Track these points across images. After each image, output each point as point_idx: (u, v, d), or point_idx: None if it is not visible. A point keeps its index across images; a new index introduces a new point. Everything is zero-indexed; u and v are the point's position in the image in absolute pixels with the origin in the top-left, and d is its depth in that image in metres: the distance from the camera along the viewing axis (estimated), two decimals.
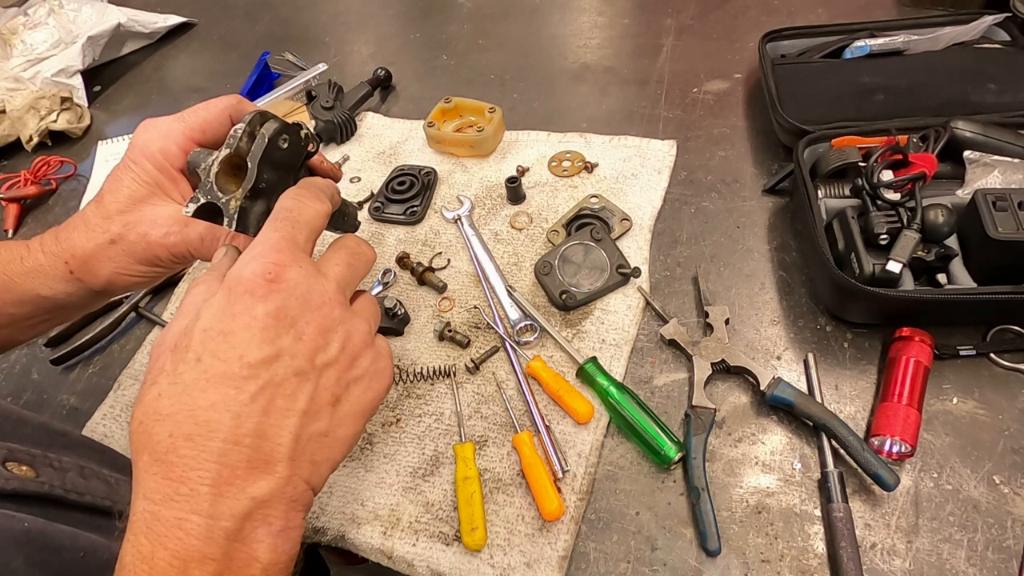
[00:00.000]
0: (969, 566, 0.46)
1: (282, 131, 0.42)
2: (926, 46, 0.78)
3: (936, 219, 0.55)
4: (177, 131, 0.47)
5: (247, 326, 0.33)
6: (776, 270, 0.65)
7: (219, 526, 0.31)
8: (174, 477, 0.31)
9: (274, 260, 0.35)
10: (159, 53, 1.23)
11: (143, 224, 0.46)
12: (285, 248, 0.36)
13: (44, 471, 0.42)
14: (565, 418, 0.57)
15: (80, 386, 0.71)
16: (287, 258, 0.36)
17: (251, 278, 0.34)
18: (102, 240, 0.46)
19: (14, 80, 1.12)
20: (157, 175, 0.47)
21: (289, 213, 0.38)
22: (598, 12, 1.06)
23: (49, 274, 0.47)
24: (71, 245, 0.47)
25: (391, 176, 0.82)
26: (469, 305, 0.68)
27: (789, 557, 0.48)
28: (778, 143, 0.76)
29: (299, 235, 0.38)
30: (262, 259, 0.35)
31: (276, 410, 0.33)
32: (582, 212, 0.72)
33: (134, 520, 0.31)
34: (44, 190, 0.96)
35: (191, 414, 0.32)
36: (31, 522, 0.37)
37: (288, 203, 0.39)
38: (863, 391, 0.56)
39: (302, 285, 0.35)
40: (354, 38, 1.14)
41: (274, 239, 0.36)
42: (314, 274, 0.37)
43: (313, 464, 0.35)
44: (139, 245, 0.46)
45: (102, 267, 0.47)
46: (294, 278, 0.35)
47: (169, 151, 0.46)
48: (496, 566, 0.50)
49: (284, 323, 0.34)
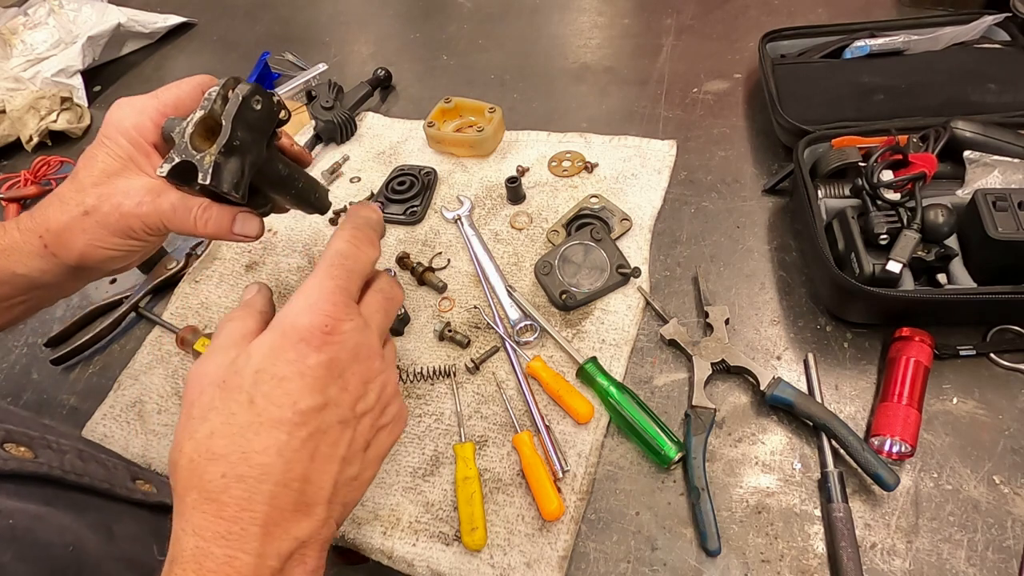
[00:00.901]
0: (969, 566, 0.46)
1: (254, 92, 0.43)
2: (926, 46, 0.78)
3: (936, 219, 0.55)
4: (151, 107, 0.48)
5: (301, 374, 0.35)
6: (776, 270, 0.65)
7: (266, 564, 0.33)
8: (226, 516, 0.32)
9: (331, 313, 0.37)
10: (159, 53, 1.23)
11: (116, 195, 0.46)
12: (341, 301, 0.37)
13: (43, 452, 0.42)
14: (565, 418, 0.57)
15: (80, 386, 0.71)
16: (343, 312, 0.37)
17: (308, 328, 0.36)
18: (76, 212, 0.46)
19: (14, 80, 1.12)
20: (131, 150, 0.47)
21: (344, 261, 0.39)
22: (598, 12, 1.06)
23: (24, 251, 0.47)
24: (45, 219, 0.47)
25: (391, 176, 0.82)
26: (469, 305, 0.68)
27: (789, 557, 0.48)
28: (778, 143, 0.76)
29: (352, 286, 0.39)
30: (320, 311, 0.36)
31: (321, 456, 0.35)
32: (582, 212, 0.72)
33: (182, 554, 0.32)
34: (44, 190, 0.96)
35: (244, 456, 0.33)
36: (17, 518, 0.38)
37: (344, 247, 0.40)
38: (863, 391, 0.56)
39: (353, 339, 0.37)
40: (354, 38, 1.14)
41: (329, 288, 0.38)
42: (363, 327, 0.38)
43: (344, 506, 0.38)
44: (112, 216, 0.46)
45: (76, 239, 0.47)
46: (347, 331, 0.37)
47: (143, 126, 0.47)
48: (496, 566, 0.50)
49: (334, 374, 0.36)
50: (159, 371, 0.69)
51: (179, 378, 0.68)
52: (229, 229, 0.48)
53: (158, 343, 0.72)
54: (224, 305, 0.73)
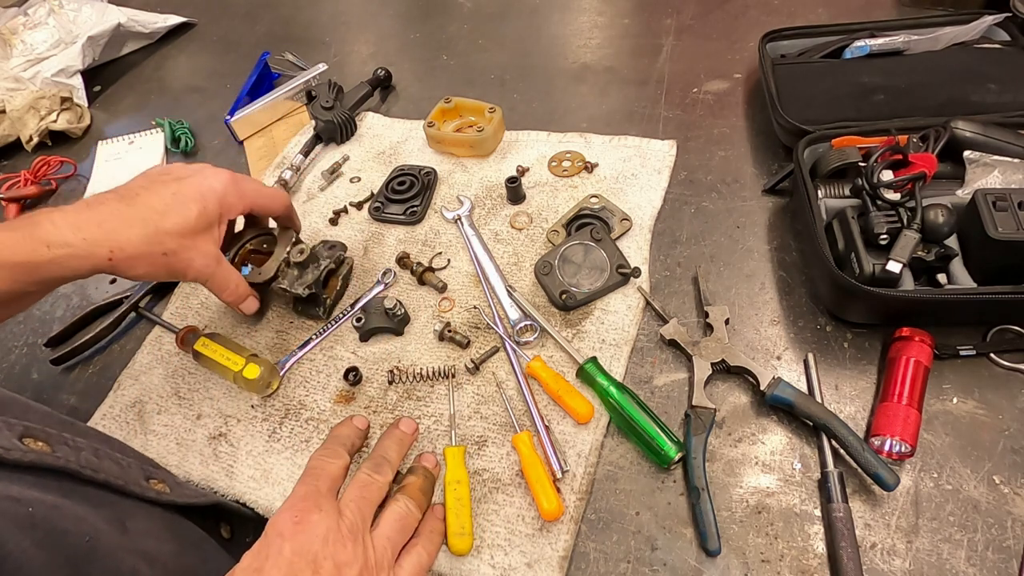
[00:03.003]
0: (969, 566, 0.46)
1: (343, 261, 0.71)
2: (926, 46, 0.78)
3: (936, 219, 0.55)
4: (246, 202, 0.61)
5: (276, 564, 0.41)
6: (776, 270, 0.65)
7: None
8: None
9: (300, 507, 0.45)
10: (159, 53, 1.23)
11: (193, 252, 0.57)
12: (310, 497, 0.46)
13: (60, 448, 0.44)
14: (565, 418, 0.57)
15: (80, 386, 0.71)
16: (311, 505, 0.45)
17: (282, 522, 0.44)
18: (156, 250, 0.54)
19: (14, 80, 1.12)
20: (216, 219, 0.58)
21: (314, 470, 0.49)
22: (598, 12, 1.06)
23: (81, 256, 0.51)
24: (118, 238, 0.52)
25: (391, 176, 0.82)
26: (469, 305, 0.68)
27: (789, 557, 0.48)
28: (778, 143, 0.76)
29: (322, 486, 0.48)
30: (291, 508, 0.45)
31: None
32: (582, 212, 0.72)
33: None
34: (44, 190, 0.96)
35: None
36: (36, 507, 0.39)
37: (314, 463, 0.50)
38: (863, 391, 0.56)
39: (322, 525, 0.44)
40: (354, 38, 1.14)
41: (302, 491, 0.47)
42: (333, 516, 0.45)
43: None
44: (180, 264, 0.56)
45: (141, 266, 0.54)
46: (315, 521, 0.44)
47: (233, 206, 0.60)
48: (496, 566, 0.50)
49: (305, 559, 0.42)
50: (159, 371, 0.69)
51: (179, 378, 0.68)
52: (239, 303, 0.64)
53: (158, 343, 0.72)
54: (224, 305, 0.73)
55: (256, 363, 0.62)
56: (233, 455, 0.61)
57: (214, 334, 0.66)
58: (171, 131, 0.99)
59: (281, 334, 0.70)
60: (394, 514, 0.50)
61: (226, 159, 0.95)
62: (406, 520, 0.50)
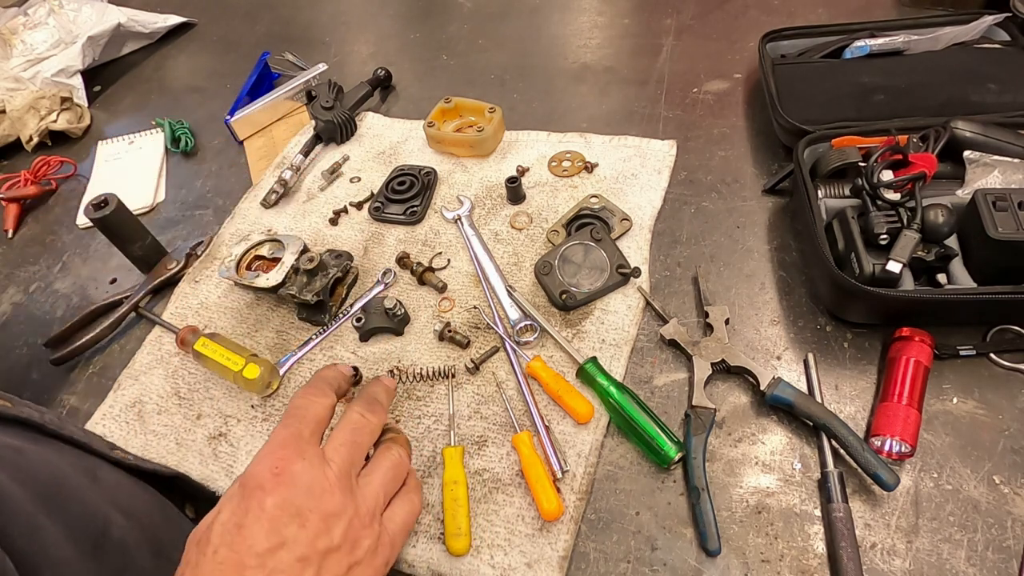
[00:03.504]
0: (969, 566, 0.46)
1: None
2: (926, 46, 0.78)
3: (936, 219, 0.55)
4: None
5: (257, 519, 0.38)
6: (776, 270, 0.65)
7: None
8: None
9: (280, 456, 0.40)
10: (159, 53, 1.23)
11: None
12: (291, 443, 0.41)
13: (22, 408, 0.44)
14: (565, 418, 0.57)
15: (80, 386, 0.71)
16: (292, 453, 0.40)
17: (260, 473, 0.39)
18: None
19: (14, 80, 1.12)
20: None
21: (297, 411, 0.44)
22: (598, 12, 1.06)
23: None
24: None
25: (391, 176, 0.82)
26: (469, 305, 0.68)
27: (789, 557, 0.48)
28: (778, 143, 0.76)
29: (305, 430, 0.42)
30: (271, 456, 0.40)
31: None
32: (582, 212, 0.72)
33: None
34: (44, 190, 0.96)
35: None
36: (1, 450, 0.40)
37: (298, 401, 0.44)
38: (863, 391, 0.56)
39: (305, 476, 0.40)
40: (354, 38, 1.14)
41: (282, 436, 0.41)
42: (318, 464, 0.41)
43: None
44: None
45: None
46: (298, 471, 0.40)
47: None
48: (496, 566, 0.50)
49: (289, 513, 0.38)
50: (159, 371, 0.69)
51: (179, 378, 0.68)
52: None
53: (158, 343, 0.72)
54: (224, 305, 0.73)
55: (256, 363, 0.62)
56: (233, 455, 0.61)
57: (214, 334, 0.66)
58: (171, 131, 0.99)
59: (281, 334, 0.70)
60: (388, 460, 0.46)
61: (226, 159, 0.95)
62: (399, 469, 0.46)
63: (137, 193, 0.91)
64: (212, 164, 0.95)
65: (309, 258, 0.67)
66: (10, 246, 0.90)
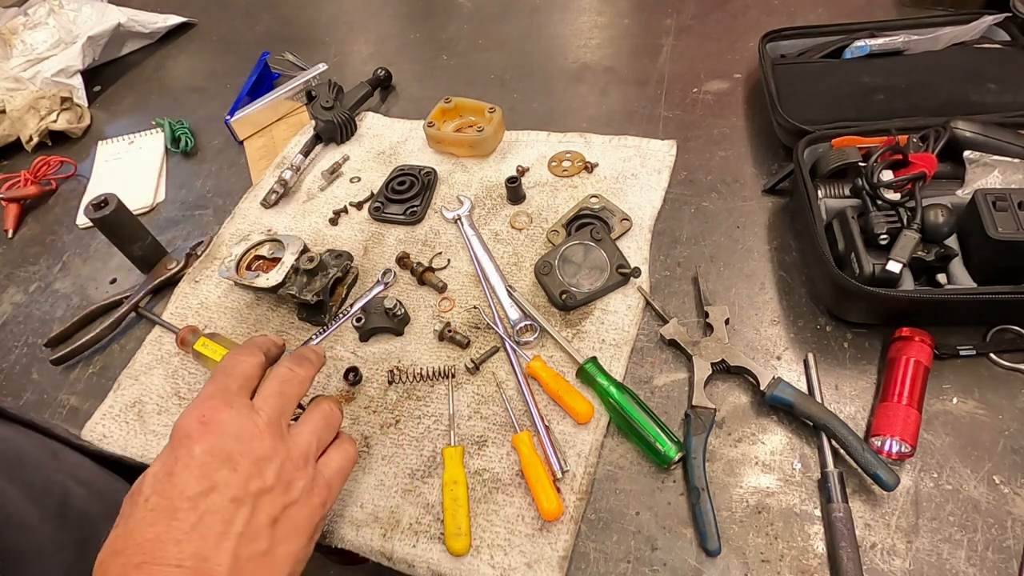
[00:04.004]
0: (969, 566, 0.46)
1: None
2: (926, 46, 0.78)
3: (936, 219, 0.55)
4: None
5: (187, 465, 0.39)
6: (776, 270, 0.65)
7: None
8: None
9: (207, 406, 0.42)
10: (159, 53, 1.23)
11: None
12: (217, 395, 0.43)
13: None
14: (565, 418, 0.57)
15: (80, 386, 0.71)
16: (219, 403, 0.42)
17: (188, 424, 0.41)
18: None
19: (14, 80, 1.12)
20: None
21: (224, 368, 0.46)
22: (598, 12, 1.06)
23: None
24: None
25: (391, 176, 0.82)
26: (469, 305, 0.68)
27: (789, 557, 0.48)
28: (778, 143, 0.76)
29: (231, 384, 0.44)
30: (197, 408, 0.42)
31: (214, 534, 0.38)
32: (582, 212, 0.72)
33: None
34: (44, 190, 0.96)
35: (139, 547, 0.37)
36: None
37: (226, 361, 0.46)
38: (863, 391, 0.56)
39: (234, 423, 0.41)
40: (354, 38, 1.14)
41: (209, 390, 0.43)
42: (246, 412, 0.42)
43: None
44: None
45: None
46: (225, 419, 0.41)
47: None
48: (496, 566, 0.50)
49: (219, 458, 0.40)
50: (159, 371, 0.69)
51: (179, 378, 0.68)
52: None
53: (158, 343, 0.72)
54: (224, 305, 0.73)
55: None
56: None
57: (214, 334, 0.66)
58: (171, 131, 0.99)
59: (281, 334, 0.70)
60: (319, 411, 0.47)
61: (226, 159, 0.95)
62: (330, 419, 0.47)
63: (137, 193, 0.91)
64: (212, 164, 0.95)
65: (309, 258, 0.67)
66: (10, 246, 0.90)
